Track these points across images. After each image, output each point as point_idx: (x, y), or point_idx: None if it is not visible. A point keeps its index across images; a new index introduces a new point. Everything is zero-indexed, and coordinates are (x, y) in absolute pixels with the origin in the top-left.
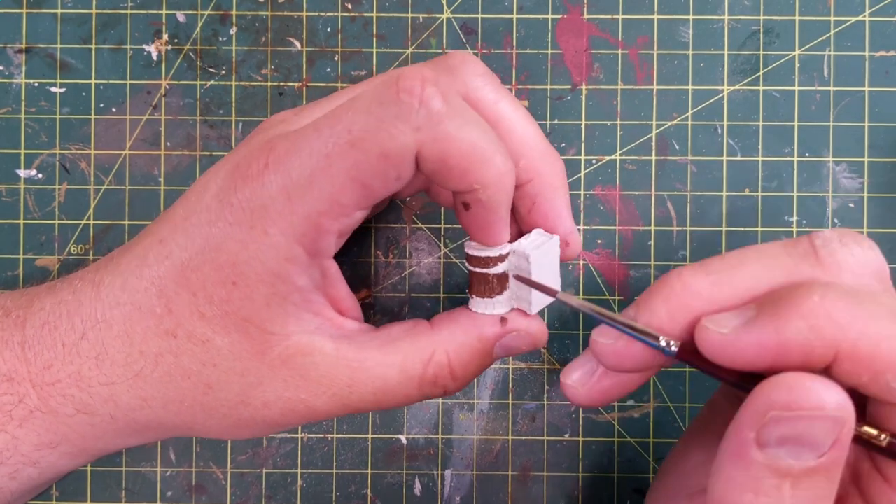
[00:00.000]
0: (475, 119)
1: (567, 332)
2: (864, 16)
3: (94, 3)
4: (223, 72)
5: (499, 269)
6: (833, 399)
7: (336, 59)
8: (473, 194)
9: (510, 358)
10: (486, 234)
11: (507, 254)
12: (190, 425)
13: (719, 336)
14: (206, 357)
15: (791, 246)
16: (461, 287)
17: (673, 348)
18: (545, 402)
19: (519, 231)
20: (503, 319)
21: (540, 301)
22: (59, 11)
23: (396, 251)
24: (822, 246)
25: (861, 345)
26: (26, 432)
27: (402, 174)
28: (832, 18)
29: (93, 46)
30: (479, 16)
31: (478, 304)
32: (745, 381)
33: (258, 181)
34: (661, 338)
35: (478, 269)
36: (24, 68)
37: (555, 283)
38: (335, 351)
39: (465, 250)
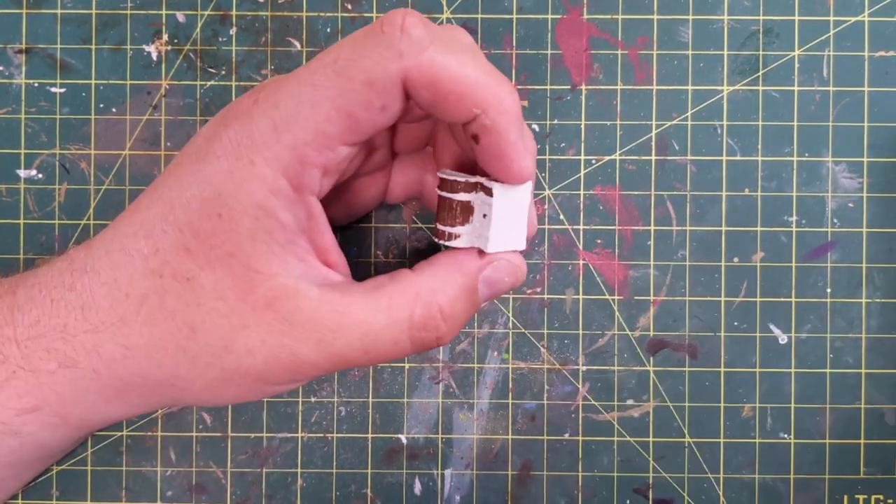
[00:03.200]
0: (463, 46)
1: (567, 332)
2: (864, 16)
3: (94, 3)
4: (223, 72)
5: (462, 196)
6: None
7: None
8: (478, 122)
9: (510, 357)
10: (504, 164)
11: (476, 184)
12: (172, 380)
13: None
14: (190, 297)
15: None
16: None
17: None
18: (545, 402)
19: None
20: (481, 252)
21: (499, 240)
22: (59, 12)
23: (396, 251)
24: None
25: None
26: (7, 397)
27: (388, 104)
28: (832, 18)
29: (93, 47)
30: (479, 16)
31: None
32: None
33: (247, 116)
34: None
35: (444, 194)
36: (24, 68)
37: (521, 234)
38: (319, 296)
39: (438, 174)
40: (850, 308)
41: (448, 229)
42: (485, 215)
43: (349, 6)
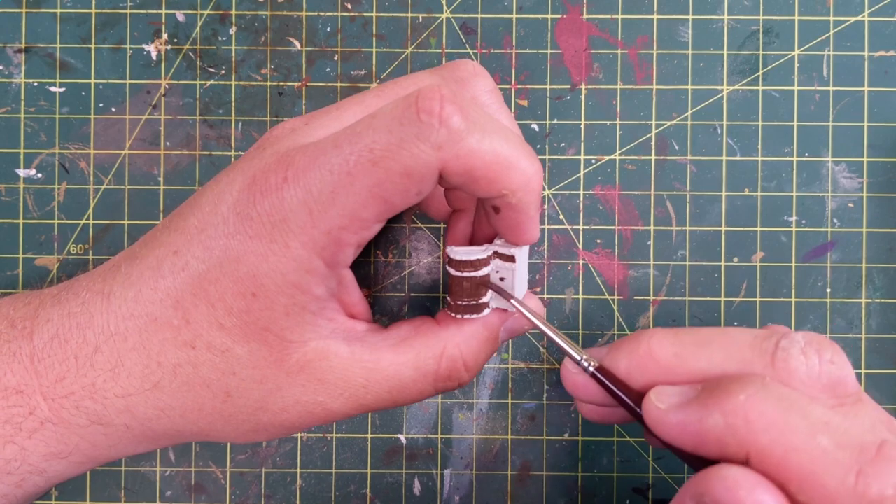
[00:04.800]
0: (496, 127)
1: (566, 333)
2: (864, 16)
3: (93, 2)
4: (223, 71)
5: (485, 271)
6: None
7: (336, 58)
8: (503, 199)
9: (509, 357)
10: (517, 233)
11: (493, 254)
12: (207, 432)
13: (656, 410)
14: (225, 366)
15: (758, 339)
16: None
17: (590, 367)
18: (544, 402)
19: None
20: None
21: (521, 294)
22: (58, 11)
23: (396, 251)
24: (782, 349)
25: (771, 451)
26: (35, 443)
27: (423, 190)
28: (832, 18)
29: (92, 46)
30: (479, 16)
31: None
32: (687, 456)
33: (277, 195)
34: (582, 356)
35: (466, 274)
36: (23, 68)
37: (526, 278)
38: (350, 354)
39: (450, 255)
40: (850, 308)
41: (475, 303)
42: (502, 278)
43: (349, 5)
